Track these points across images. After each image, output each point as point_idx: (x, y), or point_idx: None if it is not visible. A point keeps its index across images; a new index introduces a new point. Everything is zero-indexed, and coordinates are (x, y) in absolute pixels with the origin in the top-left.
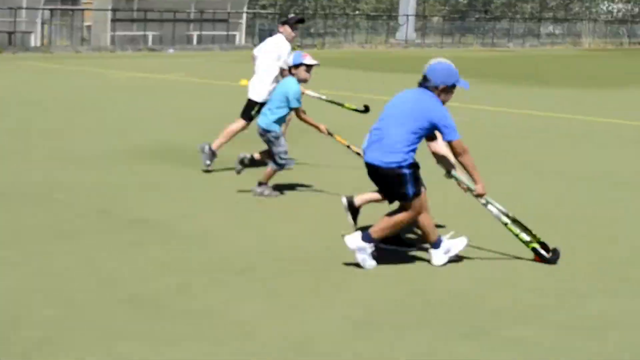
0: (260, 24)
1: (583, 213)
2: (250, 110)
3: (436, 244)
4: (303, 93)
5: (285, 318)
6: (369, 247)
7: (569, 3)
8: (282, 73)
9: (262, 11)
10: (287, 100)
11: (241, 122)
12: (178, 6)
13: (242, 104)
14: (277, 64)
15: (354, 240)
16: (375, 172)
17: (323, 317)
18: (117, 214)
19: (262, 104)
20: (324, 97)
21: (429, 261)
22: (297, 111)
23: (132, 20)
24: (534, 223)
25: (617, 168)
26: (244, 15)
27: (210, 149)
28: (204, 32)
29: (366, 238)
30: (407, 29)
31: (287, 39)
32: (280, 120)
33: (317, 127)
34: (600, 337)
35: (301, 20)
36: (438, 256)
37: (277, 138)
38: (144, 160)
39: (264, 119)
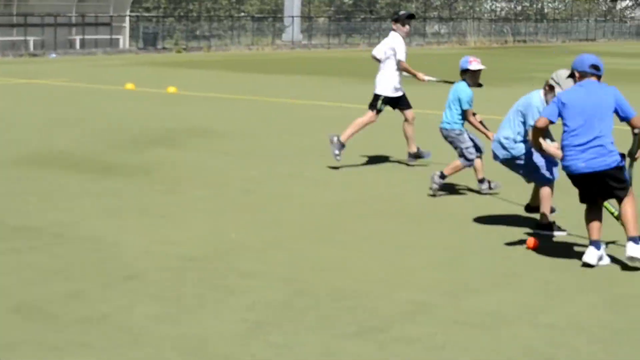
0: (145, 26)
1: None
2: (377, 102)
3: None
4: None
5: (177, 322)
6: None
7: (453, 2)
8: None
9: (146, 14)
10: (460, 102)
11: (369, 114)
12: (59, 10)
13: (126, 106)
14: (396, 59)
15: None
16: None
17: (217, 320)
18: (1, 222)
19: (386, 97)
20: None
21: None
22: (467, 113)
23: (12, 25)
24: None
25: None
26: (127, 19)
27: (338, 140)
28: (86, 36)
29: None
30: (293, 30)
31: (400, 35)
32: (459, 120)
33: (485, 134)
34: (492, 332)
35: (411, 16)
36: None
37: (459, 135)
38: (28, 166)
39: (444, 121)
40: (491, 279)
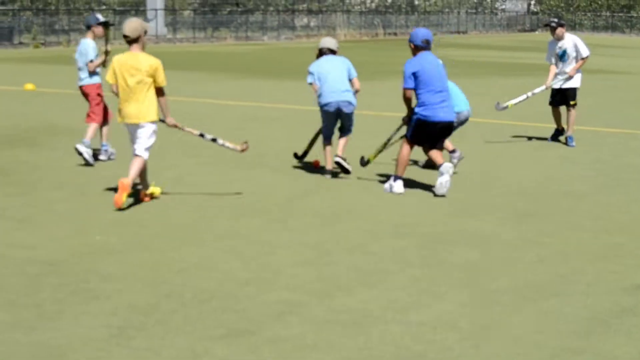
0: (0, 21)
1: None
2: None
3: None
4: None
5: (35, 329)
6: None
7: None
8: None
9: (1, 7)
10: None
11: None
12: None
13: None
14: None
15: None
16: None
17: (78, 327)
18: None
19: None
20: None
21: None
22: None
23: None
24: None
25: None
26: None
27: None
28: None
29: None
30: (157, 24)
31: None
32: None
33: None
34: (363, 331)
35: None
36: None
37: None
38: None
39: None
40: (360, 277)
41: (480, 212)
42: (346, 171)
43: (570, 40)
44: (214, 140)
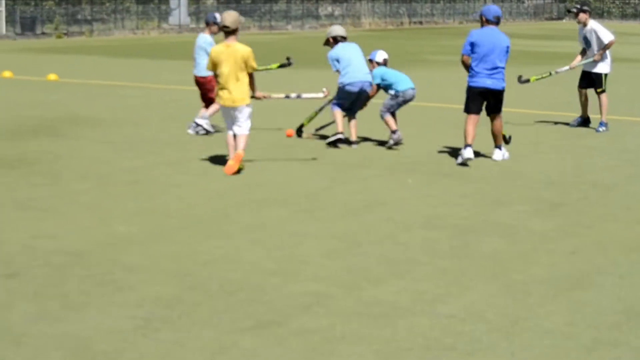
0: (22, 10)
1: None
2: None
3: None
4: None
5: (61, 320)
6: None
7: None
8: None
9: None
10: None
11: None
12: None
13: (3, 95)
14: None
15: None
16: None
17: (103, 318)
18: None
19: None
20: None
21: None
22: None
23: None
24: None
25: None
26: (3, 2)
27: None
28: None
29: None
30: (180, 13)
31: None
32: None
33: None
34: (391, 323)
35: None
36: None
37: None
38: None
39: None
40: (389, 268)
41: (509, 202)
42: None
43: (590, 27)
44: (298, 96)
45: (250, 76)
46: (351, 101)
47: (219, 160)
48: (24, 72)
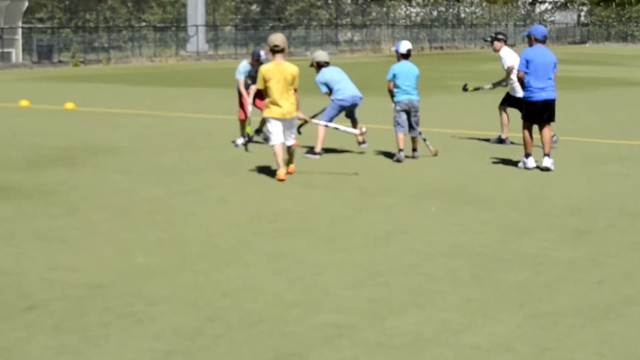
0: (39, 38)
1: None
2: None
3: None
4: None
5: (80, 353)
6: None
7: (366, 8)
8: None
9: (40, 25)
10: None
11: None
12: None
13: (21, 124)
14: None
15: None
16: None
17: (124, 351)
18: None
19: None
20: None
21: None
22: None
23: None
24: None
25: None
26: (19, 30)
27: None
28: None
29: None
30: (198, 40)
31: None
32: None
33: None
34: (415, 355)
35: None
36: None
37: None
38: None
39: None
40: (412, 298)
41: (534, 230)
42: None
43: (500, 54)
44: (336, 128)
45: (295, 93)
46: (338, 114)
47: (238, 188)
48: (41, 101)
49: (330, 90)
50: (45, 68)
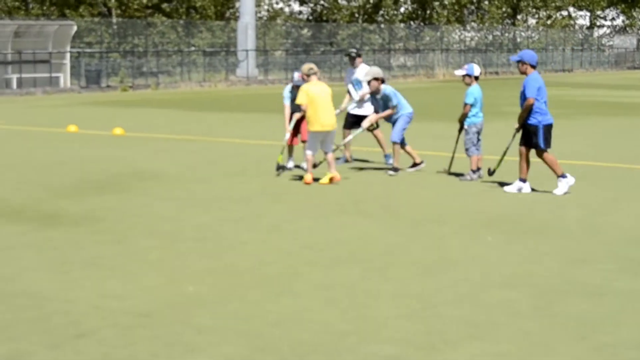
0: (87, 63)
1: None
2: None
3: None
4: None
5: None
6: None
7: (420, 32)
8: None
9: (88, 50)
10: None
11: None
12: None
13: (69, 150)
14: None
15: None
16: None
17: None
18: None
19: None
20: None
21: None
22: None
23: None
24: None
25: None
26: (68, 55)
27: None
28: (24, 75)
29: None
30: (247, 65)
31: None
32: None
33: None
34: None
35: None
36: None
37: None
38: None
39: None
40: (467, 330)
41: (593, 260)
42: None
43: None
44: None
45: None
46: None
47: (289, 217)
48: (90, 126)
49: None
50: (94, 93)
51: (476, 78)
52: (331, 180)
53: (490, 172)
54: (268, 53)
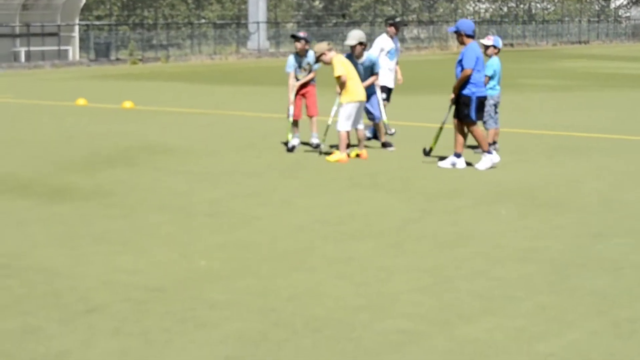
0: (96, 36)
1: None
2: None
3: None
4: None
5: (142, 358)
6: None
7: (433, 4)
8: None
9: (97, 22)
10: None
11: None
12: (0, 20)
13: (78, 124)
14: None
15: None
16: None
17: (186, 356)
18: None
19: None
20: None
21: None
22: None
23: None
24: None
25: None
26: (77, 28)
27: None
28: (32, 48)
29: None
30: (259, 37)
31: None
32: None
33: None
34: None
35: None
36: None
37: None
38: None
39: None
40: (483, 304)
41: (610, 234)
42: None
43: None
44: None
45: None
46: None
47: (301, 191)
48: (99, 100)
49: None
50: (103, 66)
51: (498, 51)
52: (358, 156)
53: (426, 152)
54: (279, 25)
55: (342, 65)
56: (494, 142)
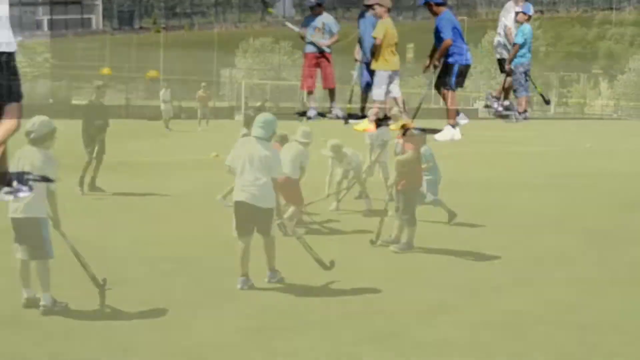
0: (119, 4)
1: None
2: None
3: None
4: None
5: (167, 328)
6: None
7: None
8: None
9: None
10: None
11: None
12: None
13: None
14: None
15: None
16: None
17: (213, 328)
18: None
19: None
20: None
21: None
22: None
23: None
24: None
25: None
26: None
27: None
28: (55, 17)
29: None
30: (284, 4)
31: None
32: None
33: None
34: (519, 335)
35: None
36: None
37: None
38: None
39: None
40: (514, 275)
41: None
42: None
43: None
44: None
45: None
46: None
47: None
48: (124, 69)
49: None
50: (127, 34)
51: (529, 17)
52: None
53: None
54: None
55: (384, 28)
56: (525, 111)
